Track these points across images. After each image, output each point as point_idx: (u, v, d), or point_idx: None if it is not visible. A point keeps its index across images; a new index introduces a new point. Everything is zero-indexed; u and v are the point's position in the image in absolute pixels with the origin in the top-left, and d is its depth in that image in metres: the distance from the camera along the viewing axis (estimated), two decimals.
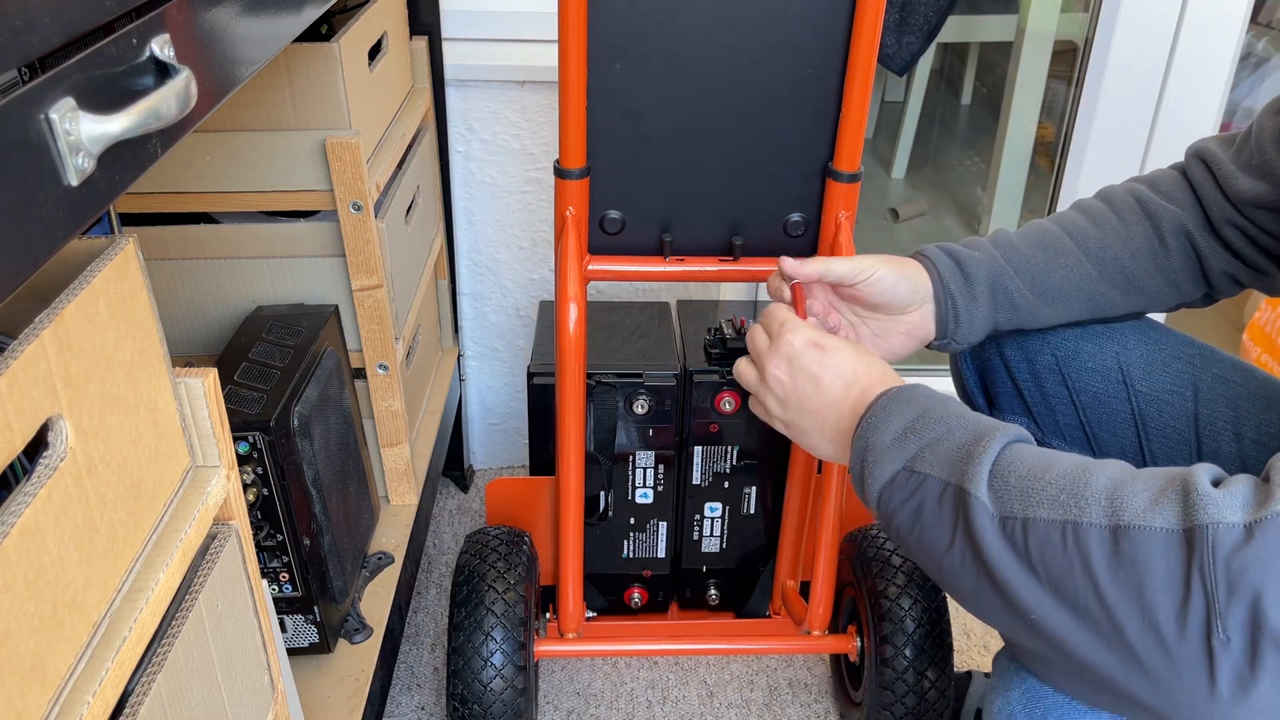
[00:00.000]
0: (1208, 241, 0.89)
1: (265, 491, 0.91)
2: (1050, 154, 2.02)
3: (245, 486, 0.90)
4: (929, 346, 0.92)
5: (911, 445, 0.69)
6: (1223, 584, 0.52)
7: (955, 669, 1.18)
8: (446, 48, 1.38)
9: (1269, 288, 0.91)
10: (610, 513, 1.26)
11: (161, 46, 0.46)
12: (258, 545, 0.94)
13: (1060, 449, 0.94)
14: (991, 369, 1.01)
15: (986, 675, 1.26)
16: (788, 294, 0.88)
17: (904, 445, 0.69)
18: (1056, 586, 0.58)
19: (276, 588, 0.97)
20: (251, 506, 0.92)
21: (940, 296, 0.88)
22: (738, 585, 1.33)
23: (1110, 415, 0.95)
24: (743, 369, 0.86)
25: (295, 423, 0.92)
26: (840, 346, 0.78)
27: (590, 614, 1.31)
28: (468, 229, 1.55)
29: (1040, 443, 0.88)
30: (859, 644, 1.19)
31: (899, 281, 0.86)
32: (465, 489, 1.72)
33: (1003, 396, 1.01)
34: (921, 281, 0.88)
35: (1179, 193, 0.91)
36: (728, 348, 1.18)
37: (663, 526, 1.28)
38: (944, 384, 1.00)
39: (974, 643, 1.43)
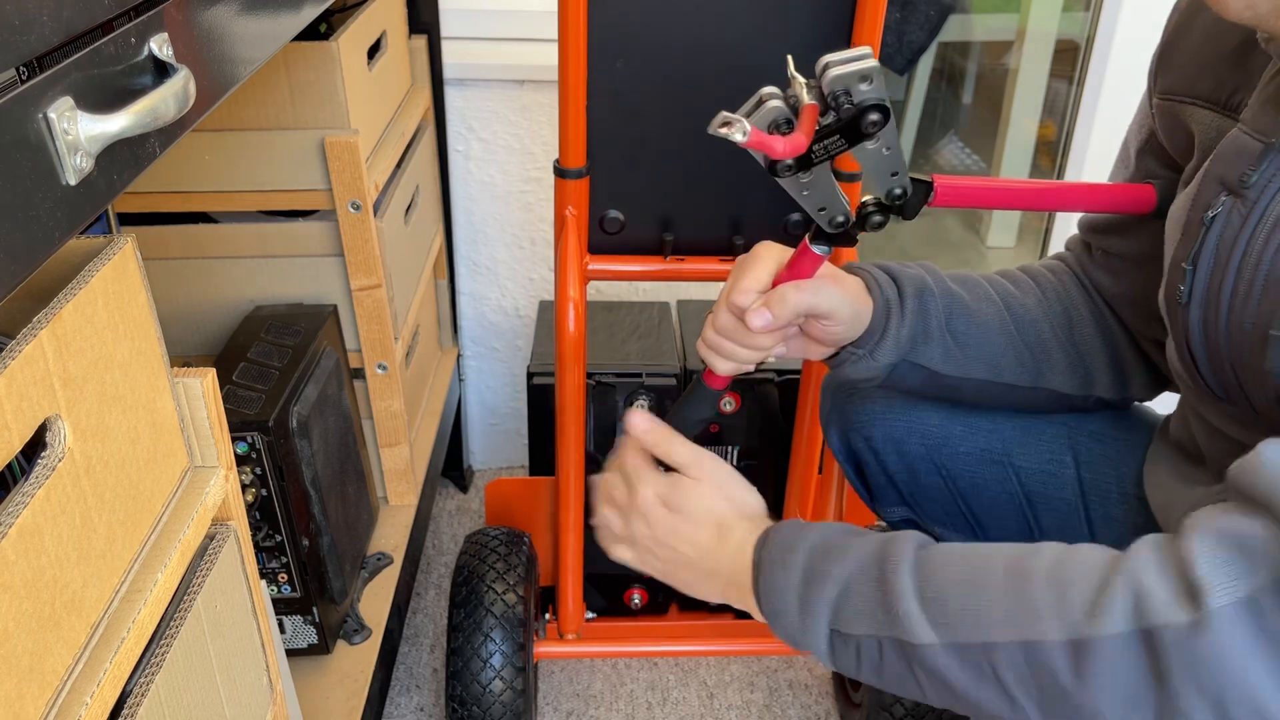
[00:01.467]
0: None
1: (264, 492, 0.91)
2: (1052, 153, 2.02)
3: (244, 487, 0.90)
4: (834, 354, 0.84)
5: (822, 605, 0.65)
6: (1189, 689, 0.52)
7: None
8: (446, 46, 1.38)
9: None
10: None
11: (160, 45, 0.46)
12: (256, 546, 0.94)
13: (946, 537, 0.90)
14: (863, 461, 0.94)
15: None
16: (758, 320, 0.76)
17: (815, 608, 0.65)
18: (1040, 705, 0.58)
19: (275, 588, 0.97)
20: (250, 507, 0.92)
21: (878, 317, 0.81)
22: None
23: (993, 497, 0.90)
24: (608, 517, 0.79)
25: (294, 423, 0.92)
26: (693, 486, 0.73)
27: (590, 615, 1.30)
28: (467, 228, 1.55)
29: (920, 529, 0.83)
30: None
31: (855, 316, 0.80)
32: (464, 489, 1.72)
33: (878, 488, 0.95)
34: (863, 308, 0.81)
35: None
36: None
37: None
38: None
39: None
